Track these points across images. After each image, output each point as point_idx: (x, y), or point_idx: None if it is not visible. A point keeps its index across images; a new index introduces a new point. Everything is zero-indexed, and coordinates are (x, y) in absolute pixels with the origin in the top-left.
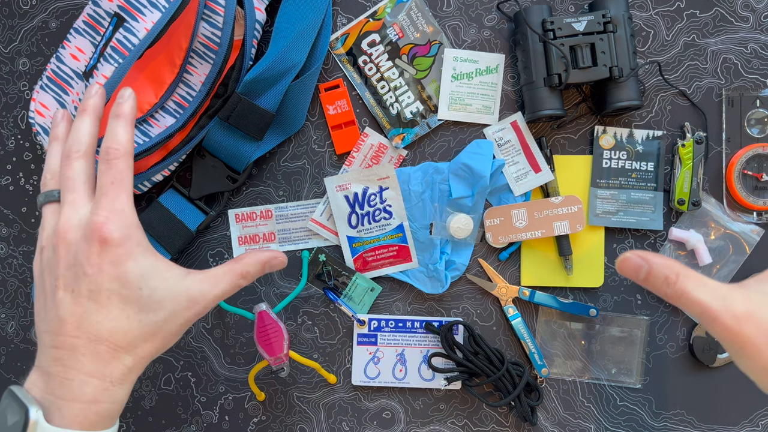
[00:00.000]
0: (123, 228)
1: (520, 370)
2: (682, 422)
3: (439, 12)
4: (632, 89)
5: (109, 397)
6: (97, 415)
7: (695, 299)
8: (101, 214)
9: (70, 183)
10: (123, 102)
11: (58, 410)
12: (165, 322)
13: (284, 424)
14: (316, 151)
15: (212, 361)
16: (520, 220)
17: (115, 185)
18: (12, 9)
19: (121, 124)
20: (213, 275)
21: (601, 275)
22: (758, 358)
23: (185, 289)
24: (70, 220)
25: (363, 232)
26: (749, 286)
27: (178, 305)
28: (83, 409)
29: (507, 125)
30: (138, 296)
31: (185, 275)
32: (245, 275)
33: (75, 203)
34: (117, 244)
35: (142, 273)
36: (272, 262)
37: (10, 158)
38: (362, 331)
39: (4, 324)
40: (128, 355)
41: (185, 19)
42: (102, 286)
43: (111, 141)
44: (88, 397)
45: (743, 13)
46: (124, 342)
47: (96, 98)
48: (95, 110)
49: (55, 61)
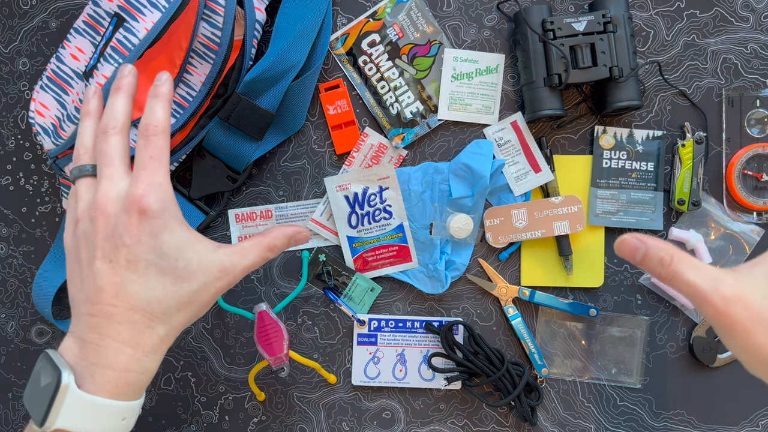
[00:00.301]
0: (161, 200)
1: (520, 370)
2: (682, 422)
3: (439, 12)
4: (632, 89)
5: (140, 366)
6: (127, 384)
7: (687, 280)
8: (140, 187)
9: (107, 158)
10: (161, 84)
11: (90, 376)
12: (198, 292)
13: (284, 424)
14: (316, 151)
15: (212, 361)
16: (520, 220)
17: (153, 159)
18: (12, 9)
19: (160, 103)
20: (242, 248)
21: (601, 275)
22: (745, 338)
23: (218, 260)
24: (108, 192)
25: (363, 232)
26: (741, 270)
27: (210, 276)
28: (114, 377)
29: (507, 125)
30: (174, 267)
31: (216, 248)
32: (272, 248)
33: (113, 177)
34: (155, 215)
35: (178, 245)
36: (297, 237)
37: (10, 158)
38: (362, 331)
39: (4, 324)
40: (162, 325)
41: (185, 19)
42: (140, 257)
43: (150, 118)
44: (121, 365)
45: (743, 13)
46: (159, 311)
47: (130, 77)
48: (129, 89)
49: (55, 61)
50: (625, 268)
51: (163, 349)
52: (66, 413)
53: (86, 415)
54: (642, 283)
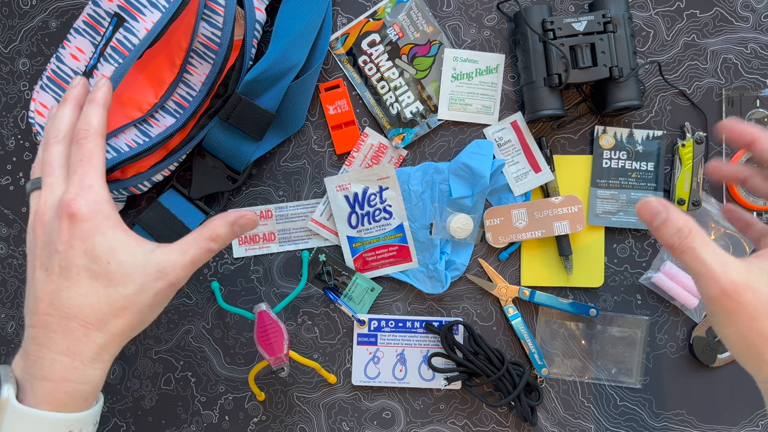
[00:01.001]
0: (91, 203)
1: (520, 370)
2: (682, 422)
3: (439, 12)
4: (632, 89)
5: (79, 376)
6: (67, 395)
7: (701, 257)
8: (71, 191)
9: (48, 167)
10: (97, 89)
11: (31, 389)
12: (135, 295)
13: (284, 424)
14: (316, 151)
15: (212, 361)
16: (520, 220)
17: (83, 162)
18: (12, 9)
19: (94, 108)
20: (181, 244)
21: (601, 275)
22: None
23: (155, 261)
24: (46, 201)
25: (363, 232)
26: (751, 260)
27: (147, 277)
28: (52, 389)
29: (507, 125)
30: (106, 270)
31: (154, 249)
32: (215, 238)
33: (52, 185)
34: (85, 218)
35: (110, 247)
36: (240, 222)
37: (10, 158)
38: (362, 331)
39: (4, 324)
40: (99, 332)
41: (185, 19)
42: (72, 262)
43: (82, 123)
44: (57, 376)
45: (743, 13)
46: (94, 318)
47: (78, 89)
48: (75, 99)
49: (55, 61)
50: (625, 268)
51: (106, 358)
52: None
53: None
54: (642, 283)
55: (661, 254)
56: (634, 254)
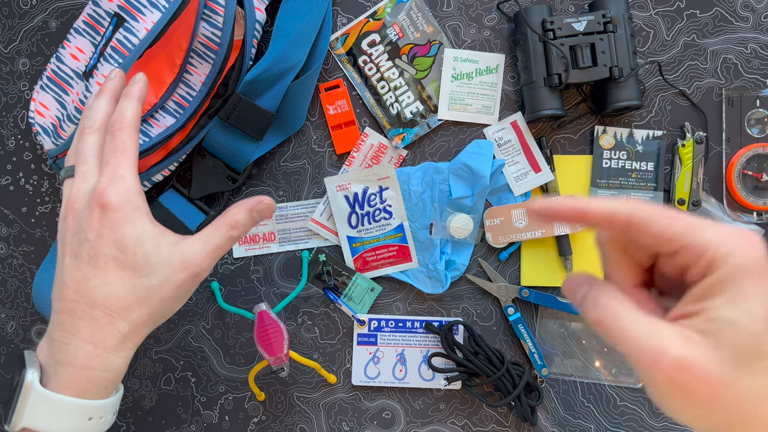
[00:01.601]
0: (122, 193)
1: (520, 370)
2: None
3: (439, 12)
4: (632, 89)
5: (102, 363)
6: (89, 381)
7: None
8: (102, 182)
9: (81, 156)
10: (134, 84)
11: (55, 374)
12: (159, 286)
13: (284, 424)
14: (316, 151)
15: (212, 361)
16: (520, 220)
17: (117, 154)
18: (12, 9)
19: (129, 101)
20: (203, 234)
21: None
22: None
23: (178, 252)
24: (79, 190)
25: (363, 232)
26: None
27: (171, 268)
28: (75, 374)
29: (507, 125)
30: (133, 261)
31: (178, 240)
32: (235, 225)
33: (85, 174)
34: (115, 208)
35: (138, 238)
36: (258, 207)
37: (10, 158)
38: (362, 331)
39: (4, 324)
40: (123, 321)
41: (185, 19)
42: (100, 251)
43: (116, 116)
44: (81, 362)
45: (743, 13)
46: (118, 307)
47: (115, 81)
48: (112, 91)
49: (55, 61)
50: None
51: (129, 347)
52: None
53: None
54: None
55: None
56: None
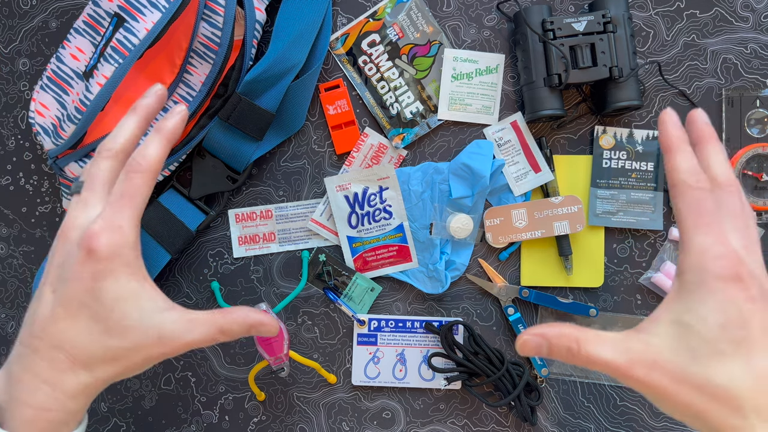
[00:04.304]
0: (113, 246)
1: (520, 370)
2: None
3: (439, 12)
4: (632, 89)
5: (61, 406)
6: (48, 422)
7: (603, 360)
8: (98, 224)
9: (89, 180)
10: (170, 117)
11: (11, 412)
12: (129, 351)
13: (284, 424)
14: (316, 151)
15: (212, 361)
16: (520, 220)
17: (123, 198)
18: (12, 9)
19: (156, 139)
20: (191, 319)
21: (601, 275)
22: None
23: (158, 324)
24: (76, 218)
25: (363, 232)
26: (646, 329)
27: (145, 340)
28: (34, 415)
29: (507, 125)
30: (107, 317)
31: (164, 310)
32: (226, 332)
33: (87, 202)
34: (102, 258)
35: (119, 295)
36: (259, 328)
37: (10, 158)
38: (362, 331)
39: (4, 324)
40: (85, 372)
41: (185, 19)
42: (75, 295)
43: (138, 153)
44: (38, 404)
45: (743, 13)
46: (83, 358)
47: (148, 99)
48: (144, 110)
49: (55, 61)
50: (625, 268)
51: (89, 394)
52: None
53: None
54: (642, 283)
55: (661, 254)
56: (634, 254)
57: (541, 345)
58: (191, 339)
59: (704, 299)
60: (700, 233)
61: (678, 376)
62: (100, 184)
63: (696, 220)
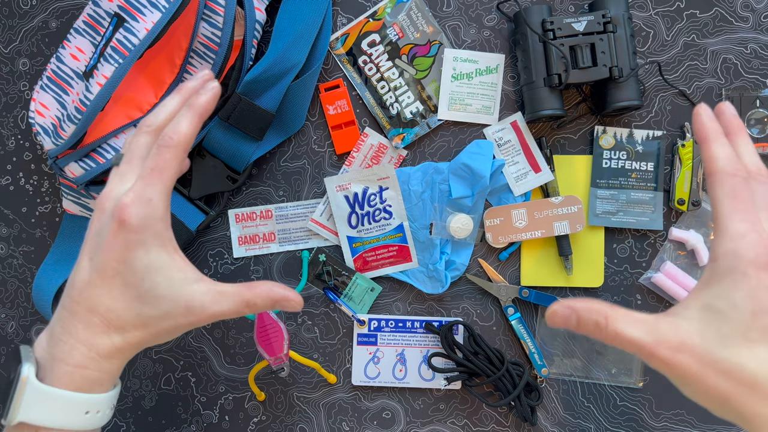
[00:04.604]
0: (143, 217)
1: (520, 370)
2: (682, 422)
3: (439, 12)
4: (632, 89)
5: (96, 365)
6: (84, 379)
7: (630, 338)
8: (129, 196)
9: (128, 154)
10: (202, 93)
11: (51, 370)
12: (159, 319)
13: (284, 424)
14: (316, 151)
15: (212, 361)
16: (520, 220)
17: (154, 172)
18: (12, 9)
19: (188, 115)
20: (219, 291)
21: (601, 275)
22: (698, 384)
23: (187, 295)
24: (112, 190)
25: (363, 232)
26: (676, 313)
27: (175, 309)
28: (70, 372)
29: (507, 125)
30: (138, 286)
31: (193, 281)
32: (251, 305)
33: (124, 175)
34: (132, 229)
35: (149, 265)
36: (284, 303)
37: (10, 158)
38: (362, 331)
39: (4, 324)
40: (118, 336)
41: (185, 19)
42: (109, 264)
43: (170, 128)
44: (75, 361)
45: (743, 13)
46: (116, 322)
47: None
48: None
49: (55, 61)
50: (625, 268)
51: (122, 356)
52: (26, 406)
53: (46, 407)
54: (642, 283)
55: (661, 254)
56: (634, 254)
57: (570, 317)
58: (218, 310)
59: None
60: (737, 220)
61: (705, 359)
62: (137, 158)
63: (733, 207)
